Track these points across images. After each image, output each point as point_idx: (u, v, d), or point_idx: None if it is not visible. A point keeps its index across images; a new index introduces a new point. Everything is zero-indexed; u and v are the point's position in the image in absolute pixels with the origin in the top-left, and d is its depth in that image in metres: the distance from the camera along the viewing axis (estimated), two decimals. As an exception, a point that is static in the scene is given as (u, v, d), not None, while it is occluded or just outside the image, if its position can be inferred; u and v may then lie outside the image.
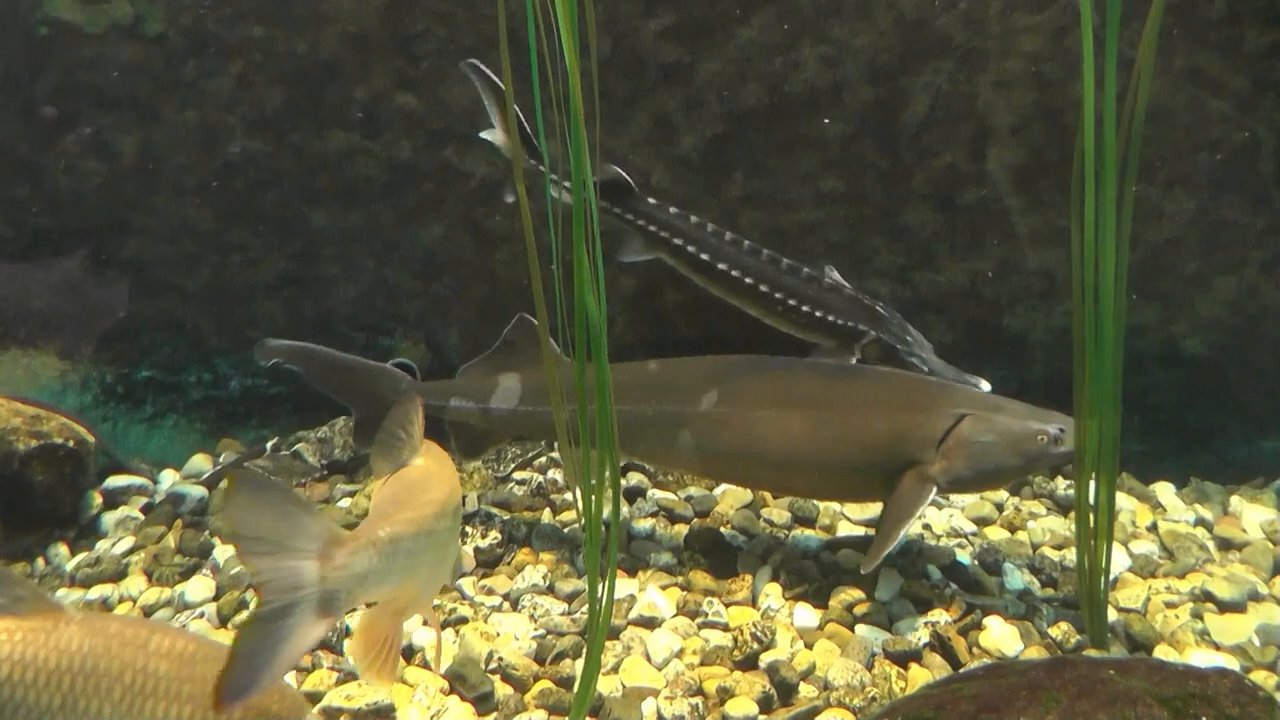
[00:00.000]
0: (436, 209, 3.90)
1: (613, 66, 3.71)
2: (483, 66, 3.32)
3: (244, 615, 3.02)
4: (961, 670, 2.57)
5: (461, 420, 3.31)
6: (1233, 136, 3.55)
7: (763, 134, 3.72)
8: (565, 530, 3.33)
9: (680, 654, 2.71)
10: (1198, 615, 2.92)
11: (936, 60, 3.58)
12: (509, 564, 3.18)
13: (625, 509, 3.44)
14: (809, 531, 3.28)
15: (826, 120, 3.65)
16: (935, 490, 2.77)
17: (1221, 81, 3.51)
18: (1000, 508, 3.47)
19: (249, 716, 1.81)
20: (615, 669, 2.66)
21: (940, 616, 2.77)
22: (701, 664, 2.67)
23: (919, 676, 2.58)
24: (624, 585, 2.99)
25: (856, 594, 2.88)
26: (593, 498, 2.45)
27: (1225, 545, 3.33)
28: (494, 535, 3.24)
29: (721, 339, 3.62)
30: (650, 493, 3.53)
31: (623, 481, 3.59)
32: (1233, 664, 2.70)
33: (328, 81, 3.77)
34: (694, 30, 3.68)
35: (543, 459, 3.76)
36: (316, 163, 3.87)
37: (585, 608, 2.89)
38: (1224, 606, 2.97)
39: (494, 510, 3.42)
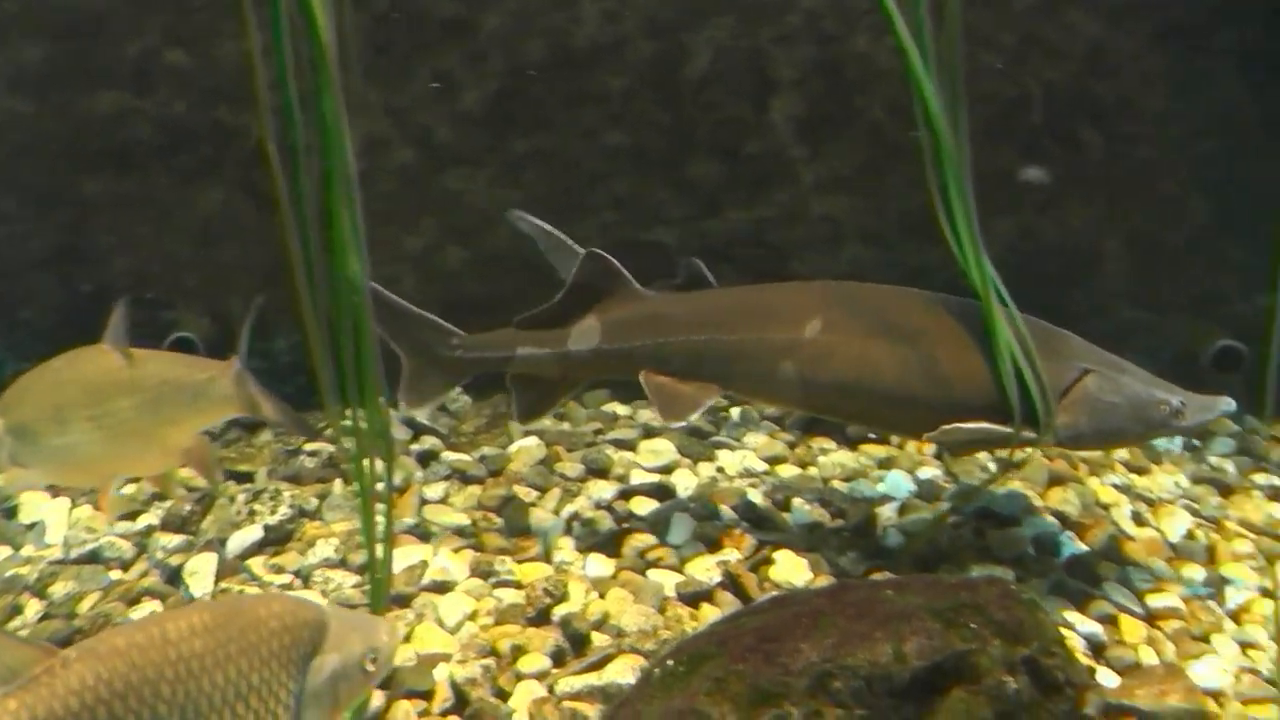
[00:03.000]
0: (214, 172, 3.72)
1: (392, 21, 3.60)
2: (528, 217, 3.12)
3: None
4: (749, 605, 2.62)
5: (530, 372, 3.01)
6: (1004, 90, 3.70)
7: (546, 89, 3.68)
8: (357, 500, 3.24)
9: (473, 616, 2.68)
10: (979, 532, 3.04)
11: (717, 15, 3.62)
12: (300, 539, 3.07)
13: (419, 473, 3.37)
14: (602, 482, 3.28)
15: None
16: (1053, 441, 2.69)
17: (992, 37, 3.66)
18: (792, 445, 3.56)
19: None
20: (407, 638, 2.59)
21: (731, 554, 2.82)
22: (495, 624, 2.63)
23: (710, 615, 2.61)
24: (416, 552, 2.94)
25: (648, 539, 2.91)
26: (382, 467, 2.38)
27: (1005, 465, 3.44)
28: (284, 511, 3.12)
29: (506, 297, 3.53)
30: (443, 455, 3.47)
31: (414, 446, 3.53)
32: (1009, 575, 2.82)
33: (95, 36, 3.53)
34: (475, -16, 3.62)
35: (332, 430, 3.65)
36: (85, 125, 3.62)
37: (378, 578, 2.82)
38: (1002, 522, 3.09)
39: (283, 486, 3.30)
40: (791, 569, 2.78)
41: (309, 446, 3.52)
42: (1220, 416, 2.75)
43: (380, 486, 2.44)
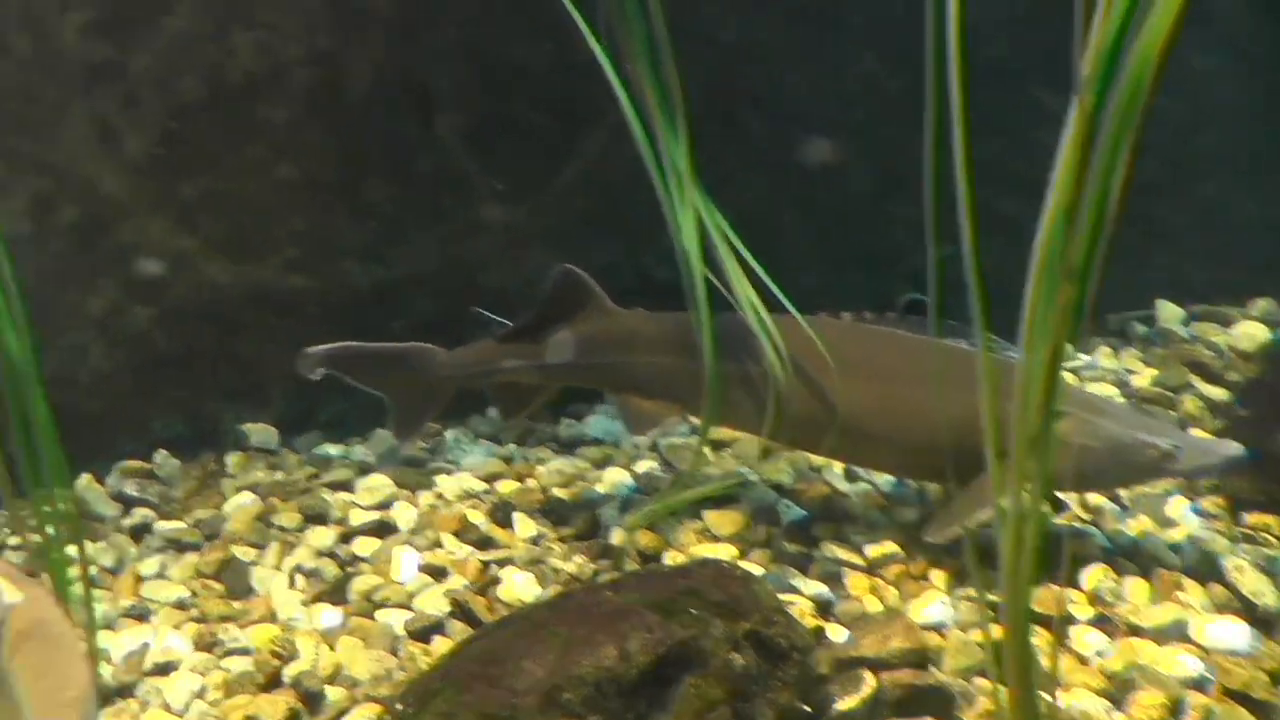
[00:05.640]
0: None
1: (38, 68, 3.37)
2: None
3: None
4: (476, 631, 2.63)
5: (514, 380, 3.14)
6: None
7: (209, 127, 3.54)
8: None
9: (203, 693, 2.58)
10: (697, 515, 3.10)
11: (371, 32, 3.58)
12: (10, 640, 2.85)
13: (133, 550, 3.21)
14: (322, 529, 3.20)
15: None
16: None
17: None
18: (509, 460, 3.60)
19: None
20: (134, 732, 2.48)
21: (459, 582, 2.82)
22: (225, 697, 2.55)
23: (444, 649, 2.60)
24: (139, 635, 2.80)
25: (375, 580, 2.88)
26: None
27: (718, 446, 3.57)
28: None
29: (202, 352, 3.52)
30: (157, 526, 3.30)
31: (126, 521, 3.36)
32: (732, 551, 2.92)
33: None
34: (117, 23, 3.42)
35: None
36: None
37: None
38: (720, 503, 3.14)
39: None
40: (521, 585, 2.81)
41: (12, 540, 3.27)
42: (1225, 461, 2.62)
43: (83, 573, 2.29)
